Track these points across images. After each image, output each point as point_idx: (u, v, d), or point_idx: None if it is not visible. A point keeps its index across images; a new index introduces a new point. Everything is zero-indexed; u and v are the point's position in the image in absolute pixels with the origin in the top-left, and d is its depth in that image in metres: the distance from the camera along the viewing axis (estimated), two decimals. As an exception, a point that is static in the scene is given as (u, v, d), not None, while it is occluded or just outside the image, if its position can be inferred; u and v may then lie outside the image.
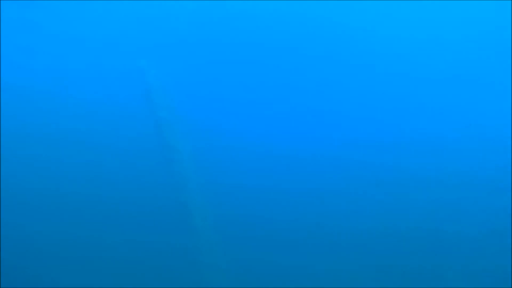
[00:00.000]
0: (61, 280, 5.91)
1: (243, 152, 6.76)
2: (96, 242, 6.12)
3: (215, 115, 6.94)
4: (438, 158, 6.80)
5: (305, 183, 6.59)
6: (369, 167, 6.71)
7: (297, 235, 6.30)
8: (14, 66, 6.93)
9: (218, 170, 6.59)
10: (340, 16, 7.24)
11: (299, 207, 6.45)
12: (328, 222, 6.37)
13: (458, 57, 7.15)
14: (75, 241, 6.13)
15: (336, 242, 6.29)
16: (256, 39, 7.15)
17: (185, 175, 6.47)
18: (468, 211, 6.49)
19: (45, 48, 7.05)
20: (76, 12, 7.14)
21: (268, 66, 7.10)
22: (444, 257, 6.26)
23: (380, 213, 6.49)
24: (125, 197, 6.38)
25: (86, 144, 6.66)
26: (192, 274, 5.97)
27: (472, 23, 7.23)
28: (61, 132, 6.69)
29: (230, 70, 7.06)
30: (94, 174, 6.52)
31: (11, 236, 6.14)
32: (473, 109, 6.98)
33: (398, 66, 7.15)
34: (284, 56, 7.14)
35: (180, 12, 7.20)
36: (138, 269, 6.00)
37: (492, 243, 6.22)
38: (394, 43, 7.14)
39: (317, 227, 6.36)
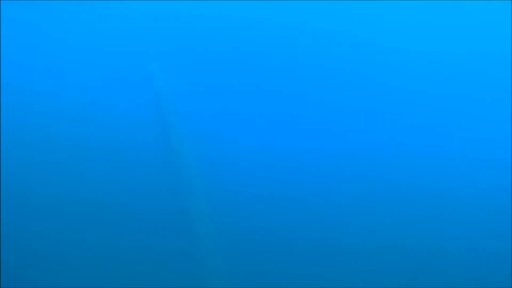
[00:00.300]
0: (61, 281, 5.89)
1: (250, 160, 6.75)
2: (97, 244, 6.08)
3: (223, 121, 6.93)
4: (438, 159, 6.79)
5: (308, 191, 6.58)
6: (367, 167, 6.71)
7: (301, 242, 6.27)
8: (15, 68, 6.91)
9: (223, 177, 6.58)
10: (347, 21, 7.24)
11: (303, 214, 6.44)
12: (330, 230, 6.35)
13: (458, 57, 7.14)
14: (76, 243, 6.10)
15: (338, 250, 6.27)
16: (267, 47, 7.14)
17: (190, 181, 6.42)
18: (468, 211, 6.48)
19: (54, 51, 7.03)
20: (86, 15, 7.12)
21: (279, 74, 7.09)
22: (444, 257, 6.25)
23: (379, 213, 6.47)
24: (128, 201, 6.34)
25: (91, 147, 6.62)
26: (193, 280, 5.95)
27: (472, 23, 7.23)
28: (67, 134, 6.66)
29: (240, 77, 7.05)
30: (99, 176, 6.47)
31: (11, 236, 6.12)
32: (473, 110, 6.97)
33: (398, 68, 7.15)
34: (295, 66, 7.13)
35: (190, 18, 7.18)
36: (138, 273, 5.96)
37: (492, 243, 6.21)
38: (394, 45, 7.15)
39: (319, 234, 6.34)
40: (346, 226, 6.36)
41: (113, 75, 6.99)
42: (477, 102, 7.00)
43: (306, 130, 6.97)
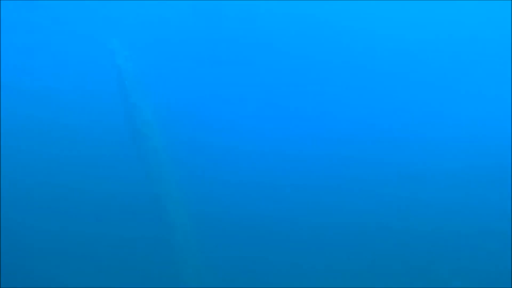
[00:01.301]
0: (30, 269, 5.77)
1: (219, 140, 6.58)
2: (62, 234, 5.95)
3: (190, 101, 6.72)
4: (438, 158, 6.77)
5: (283, 175, 6.48)
6: (366, 166, 6.68)
7: (275, 227, 6.17)
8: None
9: (192, 159, 6.39)
10: (328, 13, 7.21)
11: (277, 199, 6.30)
12: (303, 213, 6.27)
13: (458, 57, 7.14)
14: (41, 233, 5.96)
15: (312, 235, 6.18)
16: (231, 23, 7.00)
17: (158, 165, 6.19)
18: (468, 211, 6.46)
19: (16, 30, 6.92)
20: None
21: (244, 51, 6.99)
22: (444, 257, 6.23)
23: (378, 214, 6.43)
24: (94, 188, 6.17)
25: (51, 131, 6.46)
26: (166, 268, 5.81)
27: (472, 23, 7.23)
28: (25, 120, 6.49)
29: (209, 54, 6.92)
30: (60, 162, 6.32)
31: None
32: (473, 109, 6.97)
33: (398, 66, 7.14)
34: (260, 41, 7.00)
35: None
36: (111, 263, 5.84)
37: (492, 243, 6.19)
38: (394, 42, 7.13)
39: (294, 216, 6.23)
40: (322, 216, 6.26)
41: (72, 54, 6.78)
42: (477, 101, 7.00)
43: (280, 113, 6.86)
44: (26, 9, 6.91)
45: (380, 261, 6.18)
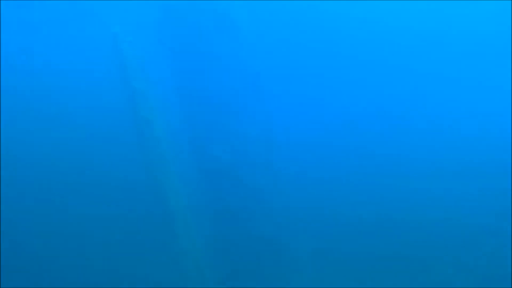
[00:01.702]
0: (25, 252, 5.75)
1: (224, 127, 6.53)
2: (65, 222, 5.94)
3: (194, 87, 6.64)
4: (438, 157, 6.80)
5: (289, 164, 6.47)
6: (363, 163, 6.68)
7: (278, 218, 6.18)
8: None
9: (195, 145, 6.36)
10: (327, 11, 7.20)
11: (283, 189, 6.33)
12: (306, 204, 6.29)
13: (458, 56, 7.16)
14: (42, 221, 5.94)
15: (316, 226, 6.20)
16: (238, 7, 6.97)
17: (161, 151, 6.17)
18: (468, 210, 6.49)
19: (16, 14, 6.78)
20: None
21: (249, 36, 6.91)
22: (444, 256, 6.26)
23: (377, 213, 6.46)
24: (96, 176, 6.14)
25: (51, 115, 6.40)
26: (167, 256, 5.81)
27: (472, 23, 7.25)
28: (28, 106, 6.43)
29: (211, 40, 6.83)
30: (61, 147, 6.28)
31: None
32: (473, 108, 6.99)
33: (398, 65, 7.16)
34: (265, 27, 6.94)
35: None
36: (112, 253, 5.83)
37: (492, 242, 6.23)
38: (396, 41, 7.14)
39: (293, 211, 6.25)
40: (321, 207, 6.28)
41: (75, 40, 6.67)
42: (477, 102, 7.03)
43: (287, 102, 6.80)
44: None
45: (378, 260, 6.20)
